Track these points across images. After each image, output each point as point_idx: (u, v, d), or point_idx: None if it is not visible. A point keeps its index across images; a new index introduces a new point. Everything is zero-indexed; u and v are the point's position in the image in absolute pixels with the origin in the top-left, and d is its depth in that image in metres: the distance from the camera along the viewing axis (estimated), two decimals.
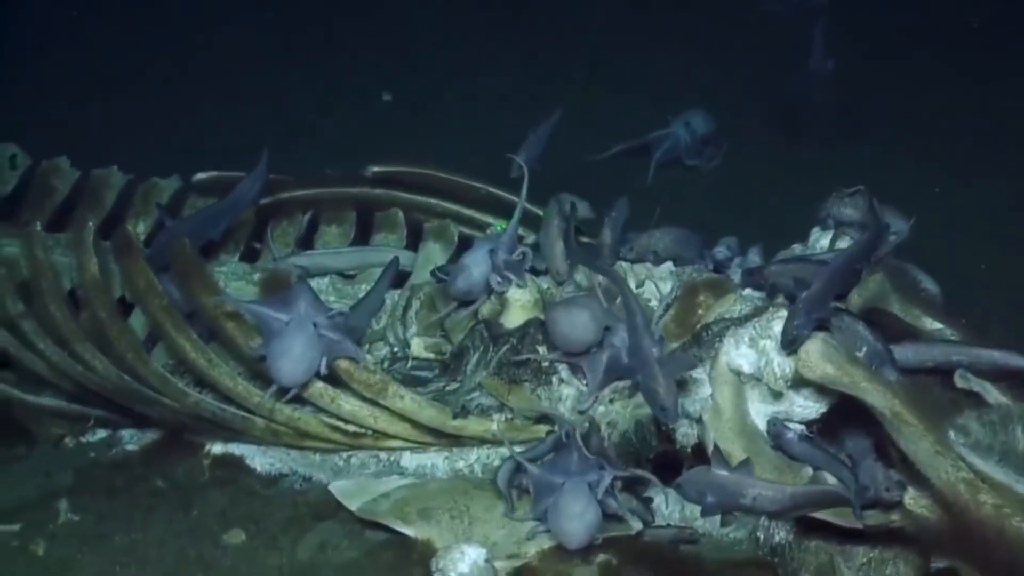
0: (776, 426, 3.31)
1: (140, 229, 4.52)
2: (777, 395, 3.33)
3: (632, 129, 5.76)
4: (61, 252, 4.36)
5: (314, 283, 4.05)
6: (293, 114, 6.26)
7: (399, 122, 6.24)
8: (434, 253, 4.44)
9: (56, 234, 4.45)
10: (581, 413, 3.56)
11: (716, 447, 3.18)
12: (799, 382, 3.29)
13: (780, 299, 3.48)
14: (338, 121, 6.17)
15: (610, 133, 5.68)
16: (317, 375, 3.62)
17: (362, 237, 4.58)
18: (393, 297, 4.18)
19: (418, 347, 3.95)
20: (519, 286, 3.75)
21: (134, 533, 3.49)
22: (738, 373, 3.38)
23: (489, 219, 4.54)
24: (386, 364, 4.01)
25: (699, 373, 3.43)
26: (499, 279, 3.75)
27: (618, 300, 3.52)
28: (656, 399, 3.16)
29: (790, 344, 3.22)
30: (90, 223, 4.05)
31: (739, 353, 3.38)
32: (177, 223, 4.25)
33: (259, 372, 3.74)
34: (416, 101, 6.44)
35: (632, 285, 3.72)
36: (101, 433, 4.04)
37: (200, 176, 4.60)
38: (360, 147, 5.59)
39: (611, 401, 3.57)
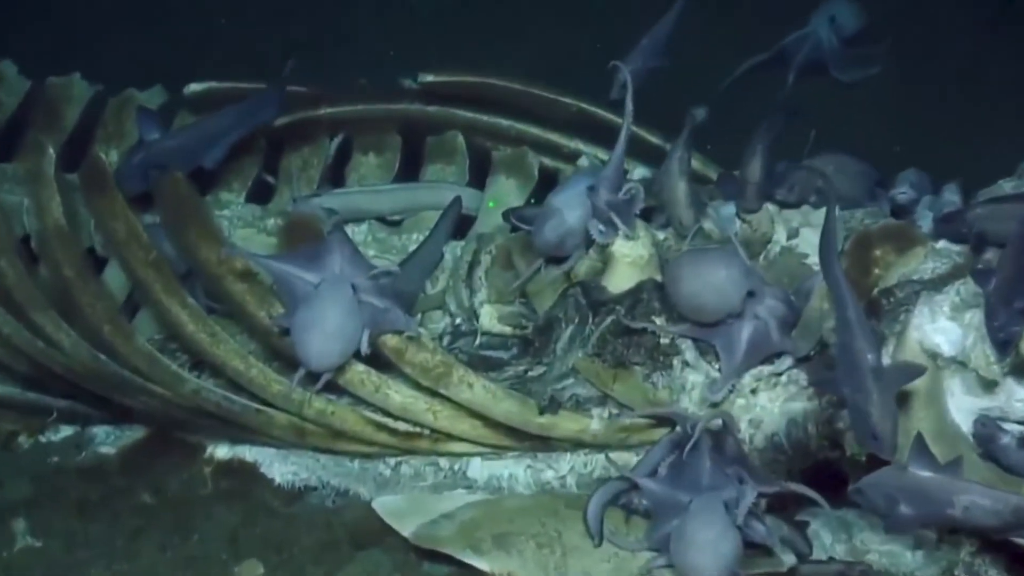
0: (986, 426, 3.26)
1: (114, 158, 4.51)
2: (989, 385, 3.27)
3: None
4: (8, 188, 4.40)
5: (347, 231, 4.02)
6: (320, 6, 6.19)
7: (457, 16, 6.15)
8: (507, 192, 4.44)
9: (1, 164, 4.49)
10: (713, 406, 3.51)
11: (920, 438, 3.12)
12: (1021, 368, 3.23)
13: (989, 254, 3.42)
14: (375, 15, 6.09)
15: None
16: (357, 355, 3.60)
17: (410, 170, 4.60)
18: (455, 251, 4.18)
19: (490, 318, 3.95)
20: (628, 237, 3.69)
21: (116, 564, 3.49)
22: (934, 355, 3.32)
23: (581, 146, 4.52)
24: (447, 341, 4.01)
25: None
26: (601, 227, 3.68)
27: (766, 256, 3.47)
28: (867, 424, 3.09)
29: (1003, 348, 3.21)
30: (49, 149, 4.04)
31: (936, 327, 3.32)
32: (156, 141, 4.23)
33: (280, 351, 3.74)
34: None
35: (782, 236, 3.65)
36: (66, 430, 4.06)
37: (194, 87, 4.59)
38: (406, 51, 5.51)
39: (754, 392, 3.54)
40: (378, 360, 3.66)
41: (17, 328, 3.88)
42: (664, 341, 3.60)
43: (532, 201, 4.48)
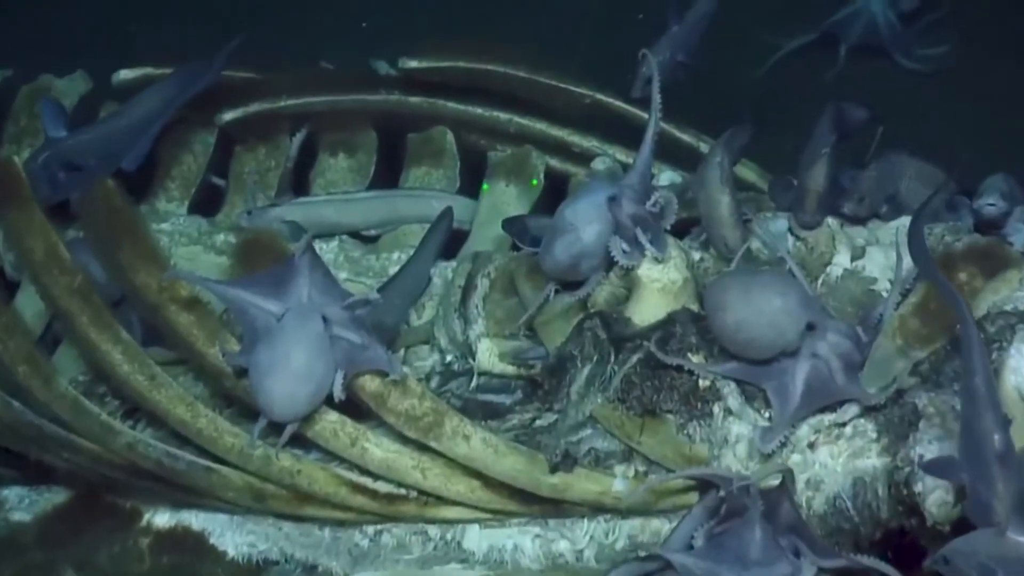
0: None
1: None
2: None
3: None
4: None
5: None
6: None
7: None
8: (507, 200, 4.44)
9: None
10: (766, 458, 3.50)
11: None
12: None
13: None
14: None
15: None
16: (329, 401, 3.58)
17: (388, 174, 4.62)
18: (445, 273, 4.17)
19: (489, 355, 3.92)
20: (657, 259, 3.68)
21: None
22: None
23: (596, 145, 4.55)
24: (436, 382, 4.00)
25: None
26: (624, 246, 3.67)
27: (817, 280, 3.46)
28: (988, 515, 3.10)
29: None
30: None
31: None
32: (64, 138, 4.26)
33: (236, 396, 3.72)
34: None
35: (845, 257, 3.65)
36: None
37: (125, 74, 4.61)
38: (384, 28, 5.52)
39: (812, 446, 3.52)
40: (355, 407, 3.65)
41: None
42: (703, 383, 3.58)
43: (535, 211, 4.47)
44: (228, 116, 4.57)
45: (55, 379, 3.77)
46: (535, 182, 4.60)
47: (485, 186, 4.55)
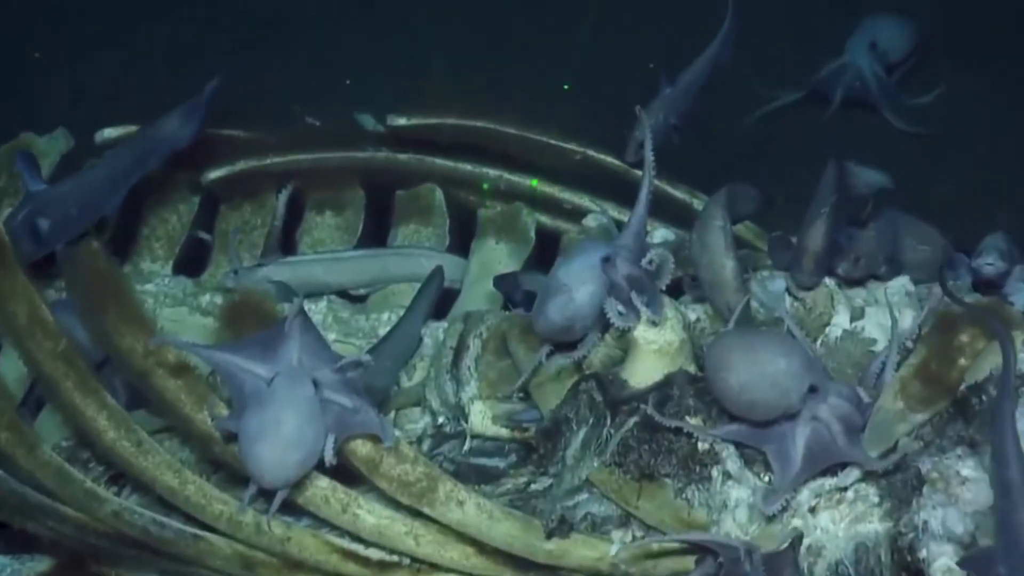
0: None
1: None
2: None
3: None
4: None
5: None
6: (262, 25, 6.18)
7: (438, 37, 6.13)
8: (498, 258, 4.45)
9: None
10: (767, 520, 3.46)
11: None
12: None
13: None
14: (335, 32, 6.07)
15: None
16: (320, 466, 3.55)
17: (376, 233, 4.61)
18: (436, 334, 4.15)
19: (482, 418, 3.90)
20: (653, 321, 3.65)
21: None
22: None
23: (587, 201, 4.53)
24: (428, 445, 3.98)
25: (970, 468, 3.34)
26: (620, 308, 3.63)
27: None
28: None
29: None
30: None
31: None
32: (43, 192, 4.23)
33: (224, 462, 3.70)
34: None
35: (844, 318, 3.66)
36: None
37: (109, 133, 4.61)
38: (371, 85, 5.50)
39: (813, 510, 3.47)
40: (345, 472, 3.62)
41: None
42: (702, 446, 3.54)
43: (526, 268, 4.46)
44: (213, 175, 4.55)
45: (39, 447, 3.75)
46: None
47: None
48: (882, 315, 3.73)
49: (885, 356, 3.57)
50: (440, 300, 4.26)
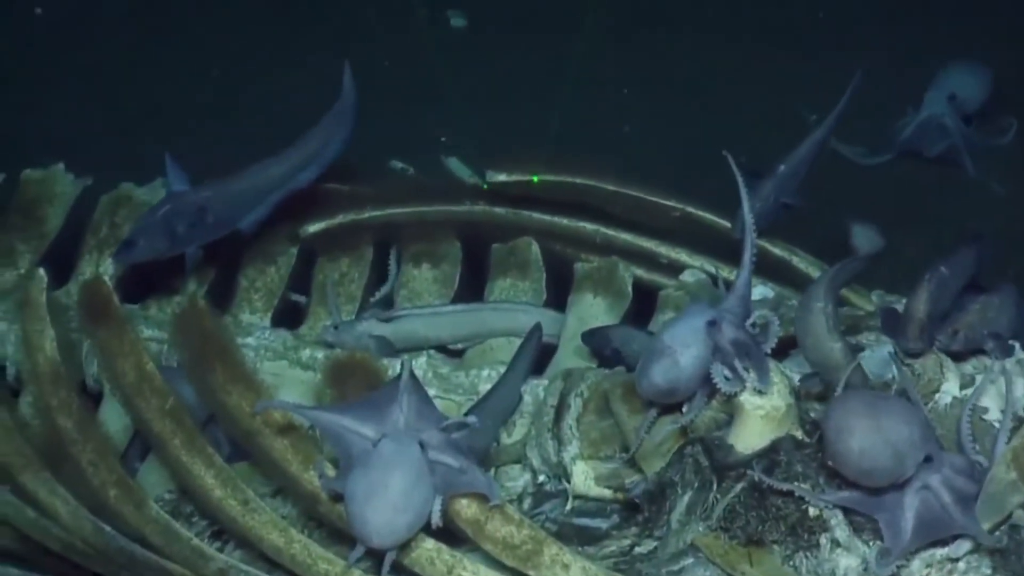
0: None
1: (110, 271, 4.56)
2: None
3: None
4: None
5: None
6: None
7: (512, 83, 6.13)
8: (595, 313, 4.41)
9: None
10: None
11: None
12: None
13: None
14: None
15: None
16: (427, 527, 3.53)
17: (473, 285, 4.61)
18: (536, 391, 4.14)
19: (585, 478, 3.88)
20: (759, 390, 3.63)
21: None
22: None
23: (684, 256, 4.53)
24: (528, 504, 3.97)
25: None
26: (727, 373, 3.62)
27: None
28: None
29: None
30: (40, 272, 4.04)
31: None
32: (184, 193, 4.33)
33: (330, 521, 3.69)
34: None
35: (953, 385, 3.64)
36: None
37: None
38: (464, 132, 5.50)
39: None
40: (450, 533, 3.59)
41: (1, 493, 3.86)
42: (812, 512, 3.51)
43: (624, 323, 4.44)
44: (312, 228, 4.54)
45: (147, 503, 3.76)
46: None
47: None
48: (993, 383, 3.69)
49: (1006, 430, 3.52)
50: (539, 356, 4.25)
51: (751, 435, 3.64)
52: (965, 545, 3.42)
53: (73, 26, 6.40)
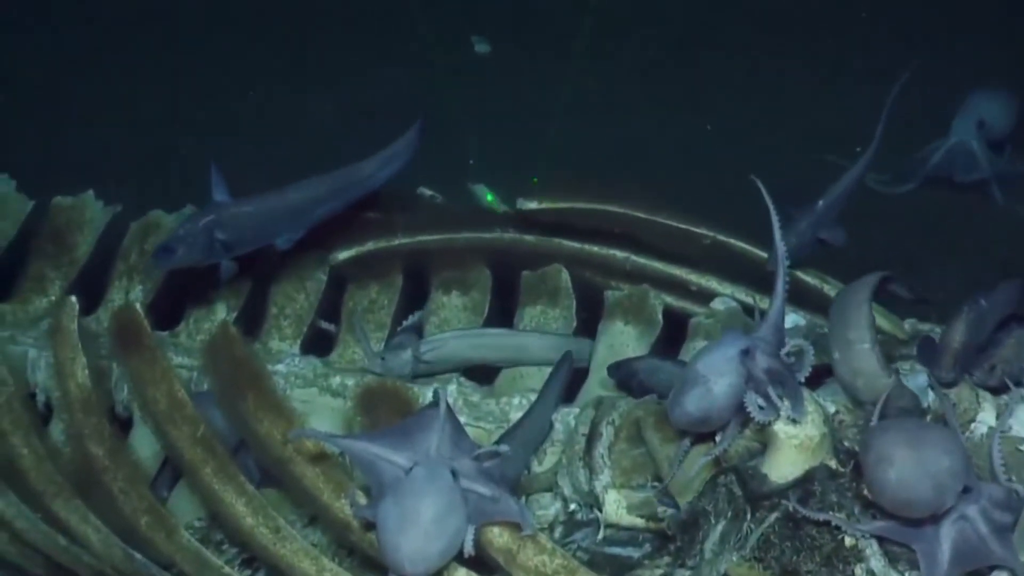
0: None
1: (139, 296, 4.59)
2: None
3: None
4: (9, 335, 4.41)
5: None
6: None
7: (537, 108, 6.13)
8: (625, 341, 4.40)
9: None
10: None
11: None
12: None
13: None
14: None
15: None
16: (459, 556, 3.51)
17: (502, 313, 4.59)
18: (567, 419, 4.12)
19: (617, 507, 3.86)
20: (793, 419, 3.60)
21: None
22: None
23: (715, 284, 4.52)
24: (559, 532, 3.95)
25: None
26: (761, 402, 3.59)
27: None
28: None
29: None
30: (71, 300, 4.03)
31: None
32: (226, 204, 4.33)
33: (361, 550, 3.67)
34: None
35: (990, 415, 3.64)
36: None
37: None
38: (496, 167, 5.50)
39: None
40: (481, 563, 3.58)
41: (33, 521, 3.85)
42: (848, 543, 3.48)
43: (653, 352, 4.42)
44: (342, 255, 4.54)
45: (178, 531, 3.76)
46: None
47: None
48: None
49: None
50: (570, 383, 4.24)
51: (785, 464, 3.61)
52: None
53: (103, 53, 6.43)
